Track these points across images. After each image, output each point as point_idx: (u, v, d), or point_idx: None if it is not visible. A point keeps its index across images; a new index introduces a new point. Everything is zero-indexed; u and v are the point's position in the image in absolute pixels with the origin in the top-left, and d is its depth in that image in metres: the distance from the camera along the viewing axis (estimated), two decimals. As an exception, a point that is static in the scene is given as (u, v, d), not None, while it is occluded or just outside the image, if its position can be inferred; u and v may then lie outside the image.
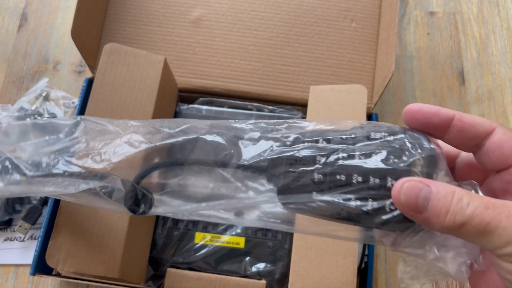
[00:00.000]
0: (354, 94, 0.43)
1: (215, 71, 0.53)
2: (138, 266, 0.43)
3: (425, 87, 0.58)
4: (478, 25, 0.61)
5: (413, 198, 0.21)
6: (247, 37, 0.54)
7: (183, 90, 0.54)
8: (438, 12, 0.62)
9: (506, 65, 0.58)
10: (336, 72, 0.53)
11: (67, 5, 0.63)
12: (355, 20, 0.55)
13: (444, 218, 0.20)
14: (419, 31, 0.61)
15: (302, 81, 0.53)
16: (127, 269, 0.41)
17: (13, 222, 0.51)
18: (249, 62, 0.54)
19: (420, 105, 0.24)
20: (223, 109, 0.52)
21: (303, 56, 0.54)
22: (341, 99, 0.44)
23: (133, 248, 0.42)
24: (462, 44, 0.60)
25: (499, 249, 0.20)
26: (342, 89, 0.44)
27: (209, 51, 0.54)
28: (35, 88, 0.57)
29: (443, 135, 0.24)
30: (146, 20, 0.55)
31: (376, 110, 0.56)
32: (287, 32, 0.55)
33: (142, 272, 0.45)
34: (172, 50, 0.54)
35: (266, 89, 0.53)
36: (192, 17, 0.55)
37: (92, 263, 0.40)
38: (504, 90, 0.57)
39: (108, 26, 0.55)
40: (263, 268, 0.44)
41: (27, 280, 0.49)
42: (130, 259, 0.41)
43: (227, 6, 0.56)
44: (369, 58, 0.54)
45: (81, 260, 0.40)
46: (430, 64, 0.59)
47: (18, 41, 0.61)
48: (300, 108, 0.53)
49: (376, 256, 0.50)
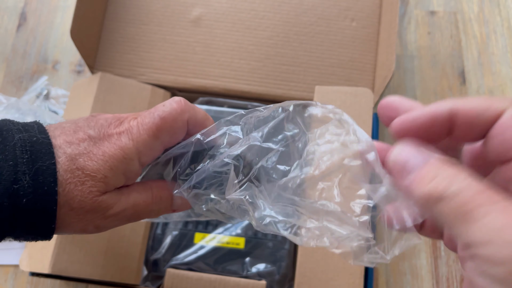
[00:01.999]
0: (361, 97, 0.43)
1: (215, 71, 0.53)
2: (128, 267, 0.43)
3: (426, 86, 0.58)
4: (479, 25, 0.61)
5: (403, 160, 0.19)
6: (247, 37, 0.54)
7: (182, 89, 0.53)
8: (438, 12, 0.62)
9: (507, 64, 0.58)
10: (337, 71, 0.53)
11: (66, 4, 0.63)
12: (355, 19, 0.55)
13: (426, 184, 0.18)
14: (419, 30, 0.61)
15: (302, 81, 0.53)
16: (112, 270, 0.41)
17: (12, 222, 0.51)
18: (249, 61, 0.53)
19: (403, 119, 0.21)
20: (223, 109, 0.52)
21: (303, 55, 0.53)
22: (347, 101, 0.44)
23: (121, 249, 0.42)
24: (462, 43, 0.60)
25: (475, 247, 0.16)
26: (348, 91, 0.44)
27: (209, 50, 0.54)
28: (35, 87, 0.57)
29: (446, 136, 0.20)
30: (145, 20, 0.55)
31: (377, 109, 0.56)
32: (287, 31, 0.54)
33: (134, 272, 0.44)
34: (172, 49, 0.54)
35: (266, 89, 0.52)
36: (192, 17, 0.55)
37: (78, 264, 0.40)
38: (505, 90, 0.57)
39: (108, 25, 0.55)
40: (263, 269, 0.44)
41: (26, 280, 0.49)
42: (117, 259, 0.41)
43: (227, 6, 0.55)
44: (370, 57, 0.53)
45: (67, 260, 0.40)
46: (431, 64, 0.59)
47: (17, 41, 0.61)
48: (300, 108, 0.52)
49: (377, 257, 0.49)
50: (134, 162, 0.25)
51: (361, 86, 0.52)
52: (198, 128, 0.27)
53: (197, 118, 0.26)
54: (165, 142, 0.26)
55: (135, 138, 0.24)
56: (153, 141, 0.25)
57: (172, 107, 0.25)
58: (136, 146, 0.24)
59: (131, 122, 0.25)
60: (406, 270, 0.49)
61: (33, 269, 0.41)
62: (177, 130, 0.26)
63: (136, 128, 0.25)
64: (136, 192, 0.26)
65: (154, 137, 0.25)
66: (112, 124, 0.25)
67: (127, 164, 0.24)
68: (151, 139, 0.25)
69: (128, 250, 0.43)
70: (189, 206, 0.28)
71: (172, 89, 0.53)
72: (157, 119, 0.25)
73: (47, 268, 0.40)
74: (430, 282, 0.48)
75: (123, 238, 0.43)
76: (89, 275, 0.41)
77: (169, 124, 0.25)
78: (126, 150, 0.24)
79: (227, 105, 0.53)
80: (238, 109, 0.52)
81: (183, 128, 0.26)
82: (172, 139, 0.26)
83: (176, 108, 0.25)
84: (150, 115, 0.25)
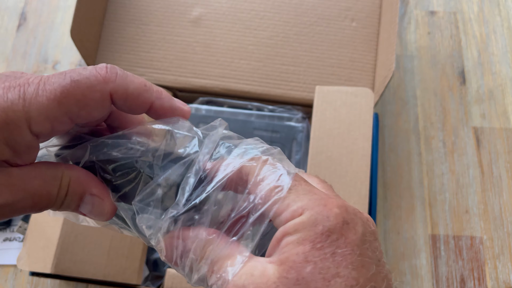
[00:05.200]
0: (361, 97, 0.43)
1: (215, 71, 0.53)
2: (129, 267, 0.43)
3: (426, 86, 0.58)
4: (478, 25, 0.61)
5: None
6: (247, 37, 0.54)
7: (182, 89, 0.53)
8: (438, 12, 0.62)
9: (507, 64, 0.58)
10: (337, 71, 0.53)
11: (67, 4, 0.63)
12: (355, 19, 0.55)
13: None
14: (419, 30, 0.61)
15: (303, 81, 0.53)
16: (113, 269, 0.41)
17: (12, 222, 0.51)
18: (249, 61, 0.53)
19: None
20: (223, 109, 0.52)
21: (303, 55, 0.53)
22: (348, 101, 0.44)
23: (123, 248, 0.42)
24: (462, 43, 0.60)
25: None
26: (349, 91, 0.44)
27: (209, 50, 0.54)
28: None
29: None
30: (145, 20, 0.55)
31: (377, 109, 0.56)
32: (287, 31, 0.54)
33: (135, 272, 0.45)
34: (172, 49, 0.54)
35: (266, 89, 0.52)
36: (192, 17, 0.55)
37: (80, 264, 0.40)
38: (505, 90, 0.57)
39: (108, 25, 0.55)
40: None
41: (26, 280, 0.49)
42: (118, 259, 0.41)
43: (227, 6, 0.55)
44: (370, 57, 0.53)
45: (69, 260, 0.40)
46: (431, 64, 0.59)
47: (17, 41, 0.61)
48: (301, 107, 0.52)
49: (377, 256, 0.49)
50: (22, 130, 0.19)
51: (361, 86, 0.52)
52: (131, 103, 0.21)
53: (128, 90, 0.21)
54: (72, 114, 0.20)
55: (28, 98, 0.19)
56: (54, 108, 0.19)
57: (92, 73, 0.20)
58: (27, 109, 0.18)
59: (31, 78, 0.19)
60: (406, 270, 0.49)
61: (33, 269, 0.41)
62: (91, 102, 0.20)
63: (34, 86, 0.19)
64: (32, 176, 0.20)
65: (56, 102, 0.19)
66: (10, 77, 0.20)
67: (10, 132, 0.18)
68: (51, 105, 0.19)
69: (130, 250, 0.43)
70: (107, 216, 0.22)
71: (172, 89, 0.53)
72: (67, 80, 0.19)
73: (49, 268, 0.40)
74: (430, 282, 0.49)
75: (125, 237, 0.43)
76: (92, 275, 0.42)
77: (81, 91, 0.19)
78: (10, 111, 0.18)
79: (227, 105, 0.53)
80: (238, 109, 0.52)
81: (101, 102, 0.20)
82: (83, 112, 0.20)
83: (96, 74, 0.20)
84: (61, 75, 0.19)
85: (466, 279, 0.49)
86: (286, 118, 0.52)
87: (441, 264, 0.49)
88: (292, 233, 0.19)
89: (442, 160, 0.54)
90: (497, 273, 0.49)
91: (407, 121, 0.56)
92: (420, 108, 0.57)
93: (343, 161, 0.42)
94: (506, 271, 0.49)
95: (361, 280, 0.18)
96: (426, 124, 0.56)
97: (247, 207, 0.20)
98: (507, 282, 0.48)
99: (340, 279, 0.18)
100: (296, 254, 0.18)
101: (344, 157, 0.43)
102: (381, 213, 0.52)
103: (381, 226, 0.51)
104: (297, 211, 0.19)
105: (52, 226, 0.42)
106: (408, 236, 0.50)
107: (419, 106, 0.57)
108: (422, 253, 0.50)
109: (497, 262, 0.49)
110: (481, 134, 0.55)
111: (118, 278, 0.42)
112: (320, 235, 0.18)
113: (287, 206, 0.19)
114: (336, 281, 0.18)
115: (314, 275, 0.18)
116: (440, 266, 0.49)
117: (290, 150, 0.50)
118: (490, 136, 0.55)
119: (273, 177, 0.20)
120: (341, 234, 0.19)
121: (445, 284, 0.48)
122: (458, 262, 0.49)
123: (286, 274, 0.18)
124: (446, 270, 0.49)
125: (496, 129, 0.55)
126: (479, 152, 0.54)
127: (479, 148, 0.54)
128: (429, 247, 0.50)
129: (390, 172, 0.54)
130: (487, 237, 0.50)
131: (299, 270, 0.18)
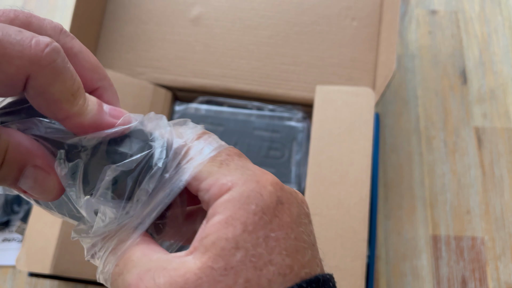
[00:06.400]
0: (362, 97, 0.43)
1: (215, 70, 0.53)
2: None
3: (427, 86, 0.57)
4: (480, 24, 0.60)
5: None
6: (247, 36, 0.54)
7: (182, 89, 0.53)
8: (439, 11, 0.61)
9: (508, 64, 0.58)
10: (337, 71, 0.53)
11: (65, 3, 0.63)
12: (356, 18, 0.54)
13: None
14: (420, 29, 0.61)
15: (303, 80, 0.52)
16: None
17: (11, 223, 0.51)
18: (249, 61, 0.53)
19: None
20: (223, 109, 0.52)
21: (304, 55, 0.53)
22: (348, 100, 0.43)
23: None
24: (464, 43, 0.59)
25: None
26: (349, 90, 0.44)
27: (208, 50, 0.54)
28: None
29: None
30: (145, 19, 0.55)
31: (377, 109, 0.56)
32: (288, 30, 0.54)
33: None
34: (171, 49, 0.54)
35: (266, 89, 0.52)
36: (192, 16, 0.55)
37: (80, 265, 0.40)
38: (507, 90, 0.57)
39: (107, 24, 0.55)
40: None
41: (25, 281, 0.49)
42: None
43: (226, 5, 0.55)
44: (370, 57, 0.53)
45: (69, 261, 0.40)
46: (432, 63, 0.59)
47: (16, 40, 0.61)
48: (301, 107, 0.52)
49: (377, 258, 0.49)
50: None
51: (362, 85, 0.51)
52: (44, 105, 0.17)
53: (49, 90, 0.16)
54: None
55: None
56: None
57: (24, 40, 0.16)
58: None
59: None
60: (407, 271, 0.49)
61: (32, 269, 0.41)
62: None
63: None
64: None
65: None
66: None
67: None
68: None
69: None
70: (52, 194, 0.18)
71: (172, 89, 0.53)
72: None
73: (48, 269, 0.40)
74: (431, 283, 0.48)
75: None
76: (91, 276, 0.41)
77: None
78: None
79: (227, 105, 0.53)
80: (238, 109, 0.52)
81: (9, 79, 0.16)
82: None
83: (27, 46, 0.16)
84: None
85: (467, 280, 0.48)
86: (286, 118, 0.52)
87: (442, 265, 0.49)
88: (220, 212, 0.16)
89: (443, 160, 0.54)
90: (498, 274, 0.48)
91: (408, 121, 0.56)
92: (421, 108, 0.56)
93: (343, 161, 0.42)
94: (507, 272, 0.49)
95: (296, 268, 0.16)
96: (427, 124, 0.55)
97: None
98: (508, 283, 0.48)
99: (273, 267, 0.16)
100: (226, 240, 0.16)
101: (344, 157, 0.42)
102: (382, 214, 0.51)
103: (382, 227, 0.51)
104: (226, 184, 0.17)
105: (51, 226, 0.42)
106: (409, 237, 0.50)
107: (420, 106, 0.56)
108: (423, 253, 0.49)
109: (499, 262, 0.49)
110: (482, 134, 0.55)
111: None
112: (253, 215, 0.16)
113: (216, 180, 0.17)
114: (268, 270, 0.16)
115: (245, 263, 0.16)
116: (441, 267, 0.49)
117: (290, 150, 0.50)
118: (492, 136, 0.54)
119: (197, 147, 0.18)
120: (275, 215, 0.17)
121: (446, 285, 0.48)
122: (459, 263, 0.49)
123: (211, 263, 0.16)
124: (447, 271, 0.49)
125: (497, 129, 0.55)
126: (480, 152, 0.54)
127: (480, 148, 0.54)
128: (430, 248, 0.50)
129: (391, 172, 0.53)
130: (488, 237, 0.50)
131: (227, 258, 0.16)
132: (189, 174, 0.18)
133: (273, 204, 0.17)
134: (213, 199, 0.17)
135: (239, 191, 0.17)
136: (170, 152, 0.18)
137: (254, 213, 0.16)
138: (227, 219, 0.16)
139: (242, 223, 0.16)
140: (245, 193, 0.17)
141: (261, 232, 0.16)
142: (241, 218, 0.16)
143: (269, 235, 0.16)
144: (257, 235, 0.16)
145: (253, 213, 0.16)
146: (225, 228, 0.16)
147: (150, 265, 0.16)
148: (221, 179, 0.17)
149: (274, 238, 0.16)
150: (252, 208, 0.16)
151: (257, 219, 0.16)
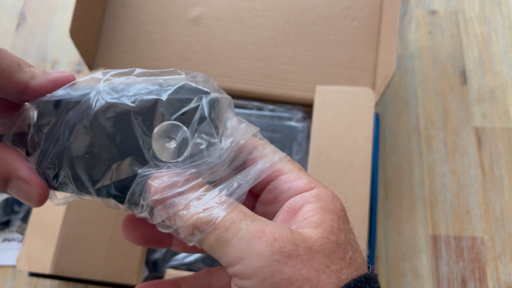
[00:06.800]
0: (362, 97, 0.43)
1: (215, 71, 0.53)
2: (128, 267, 0.43)
3: (427, 86, 0.58)
4: (480, 24, 0.60)
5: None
6: (247, 36, 0.54)
7: (182, 89, 0.53)
8: (439, 11, 0.62)
9: (508, 64, 0.58)
10: (337, 71, 0.53)
11: (66, 3, 0.63)
12: (356, 18, 0.55)
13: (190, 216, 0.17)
14: (420, 30, 0.61)
15: (303, 80, 0.52)
16: (112, 270, 0.41)
17: (11, 222, 0.51)
18: (249, 61, 0.53)
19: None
20: (223, 109, 0.52)
21: (304, 55, 0.53)
22: (348, 101, 0.43)
23: (123, 249, 0.42)
24: (463, 43, 0.60)
25: (232, 267, 0.16)
26: (349, 90, 0.44)
27: (208, 50, 0.54)
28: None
29: None
30: (145, 19, 0.55)
31: (377, 109, 0.56)
32: (288, 31, 0.54)
33: (135, 273, 0.44)
34: (171, 49, 0.54)
35: (266, 89, 0.52)
36: (192, 16, 0.55)
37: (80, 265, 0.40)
38: (507, 90, 0.57)
39: (107, 25, 0.55)
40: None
41: (25, 281, 0.49)
42: (117, 260, 0.41)
43: (226, 5, 0.55)
44: (370, 57, 0.53)
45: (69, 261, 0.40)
46: (432, 63, 0.59)
47: (16, 40, 0.61)
48: (301, 107, 0.52)
49: (377, 257, 0.49)
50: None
51: (362, 85, 0.51)
52: (2, 82, 0.19)
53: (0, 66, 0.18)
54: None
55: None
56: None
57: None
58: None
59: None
60: (406, 271, 0.49)
61: (32, 269, 0.41)
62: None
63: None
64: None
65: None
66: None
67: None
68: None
69: (130, 251, 0.43)
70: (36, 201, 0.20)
71: (172, 89, 0.53)
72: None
73: (48, 269, 0.40)
74: (431, 283, 0.48)
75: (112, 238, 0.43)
76: (91, 275, 0.41)
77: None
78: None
79: (227, 105, 0.53)
80: (238, 109, 0.52)
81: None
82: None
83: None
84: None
85: (467, 280, 0.48)
86: (286, 118, 0.52)
87: (442, 265, 0.49)
88: (314, 202, 0.19)
89: (443, 160, 0.54)
90: (498, 274, 0.48)
91: (408, 121, 0.56)
92: (421, 108, 0.56)
93: (343, 161, 0.42)
94: (507, 271, 0.49)
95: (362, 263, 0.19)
96: (427, 124, 0.55)
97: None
98: (508, 283, 0.48)
99: (359, 255, 0.18)
100: (331, 221, 0.18)
101: (344, 157, 0.42)
102: (382, 214, 0.51)
103: (382, 227, 0.51)
104: (310, 183, 0.20)
105: (52, 226, 0.42)
106: (409, 237, 0.50)
107: (420, 106, 0.56)
108: (423, 253, 0.49)
109: (498, 262, 0.49)
110: (482, 134, 0.55)
111: (117, 278, 0.42)
112: (340, 211, 0.19)
113: (300, 177, 0.20)
114: (360, 254, 0.18)
115: (348, 244, 0.18)
116: (441, 267, 0.49)
117: (290, 150, 0.50)
118: (491, 136, 0.54)
119: (274, 153, 0.21)
120: (346, 216, 0.20)
121: (446, 285, 0.48)
122: (459, 263, 0.49)
123: (328, 235, 0.18)
124: (447, 270, 0.49)
125: (497, 129, 0.55)
126: (480, 152, 0.54)
127: (480, 148, 0.54)
128: (430, 248, 0.50)
129: (391, 172, 0.53)
130: (488, 237, 0.50)
131: (337, 235, 0.18)
132: (278, 164, 0.20)
133: (344, 208, 0.20)
134: (294, 191, 0.20)
135: (324, 191, 0.19)
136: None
137: (340, 210, 0.19)
138: (324, 208, 0.19)
139: (336, 213, 0.19)
140: (329, 193, 0.20)
141: (347, 226, 0.19)
142: (334, 210, 0.19)
143: (349, 229, 0.19)
144: (346, 227, 0.19)
145: (340, 209, 0.19)
146: (326, 213, 0.18)
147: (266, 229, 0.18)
148: (305, 178, 0.20)
149: (352, 233, 0.19)
150: (338, 206, 0.19)
151: (343, 215, 0.19)
